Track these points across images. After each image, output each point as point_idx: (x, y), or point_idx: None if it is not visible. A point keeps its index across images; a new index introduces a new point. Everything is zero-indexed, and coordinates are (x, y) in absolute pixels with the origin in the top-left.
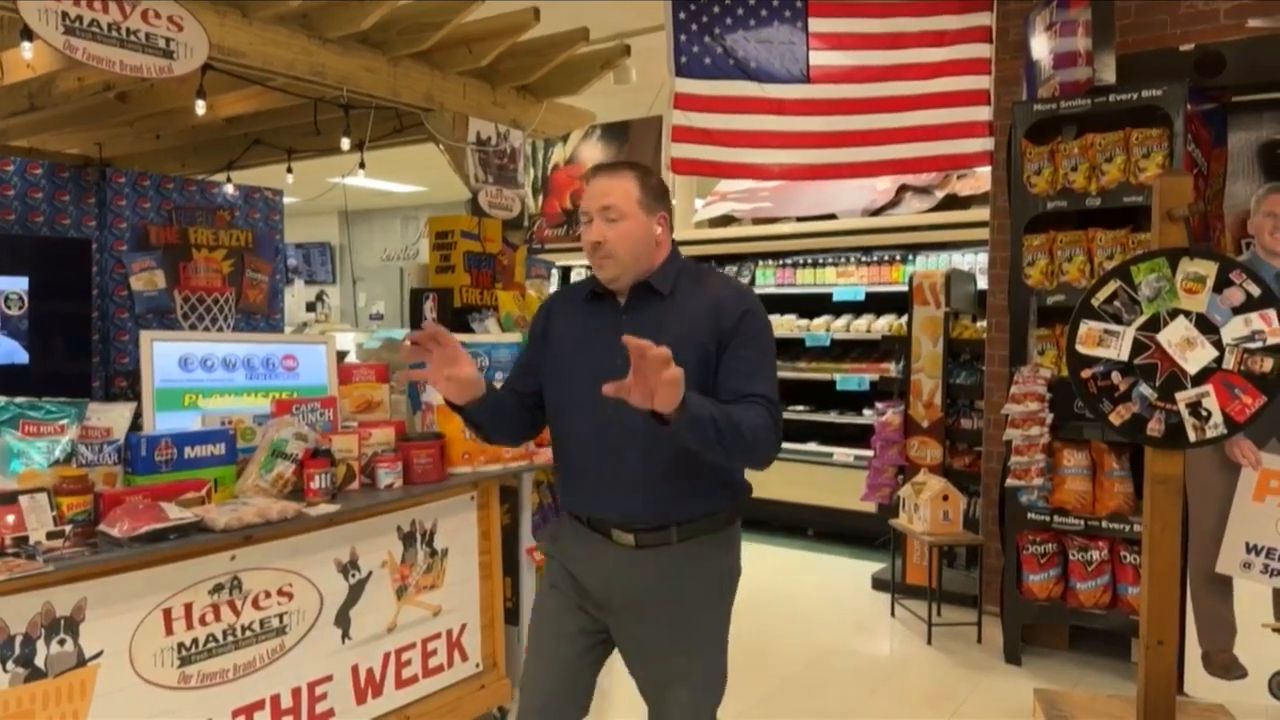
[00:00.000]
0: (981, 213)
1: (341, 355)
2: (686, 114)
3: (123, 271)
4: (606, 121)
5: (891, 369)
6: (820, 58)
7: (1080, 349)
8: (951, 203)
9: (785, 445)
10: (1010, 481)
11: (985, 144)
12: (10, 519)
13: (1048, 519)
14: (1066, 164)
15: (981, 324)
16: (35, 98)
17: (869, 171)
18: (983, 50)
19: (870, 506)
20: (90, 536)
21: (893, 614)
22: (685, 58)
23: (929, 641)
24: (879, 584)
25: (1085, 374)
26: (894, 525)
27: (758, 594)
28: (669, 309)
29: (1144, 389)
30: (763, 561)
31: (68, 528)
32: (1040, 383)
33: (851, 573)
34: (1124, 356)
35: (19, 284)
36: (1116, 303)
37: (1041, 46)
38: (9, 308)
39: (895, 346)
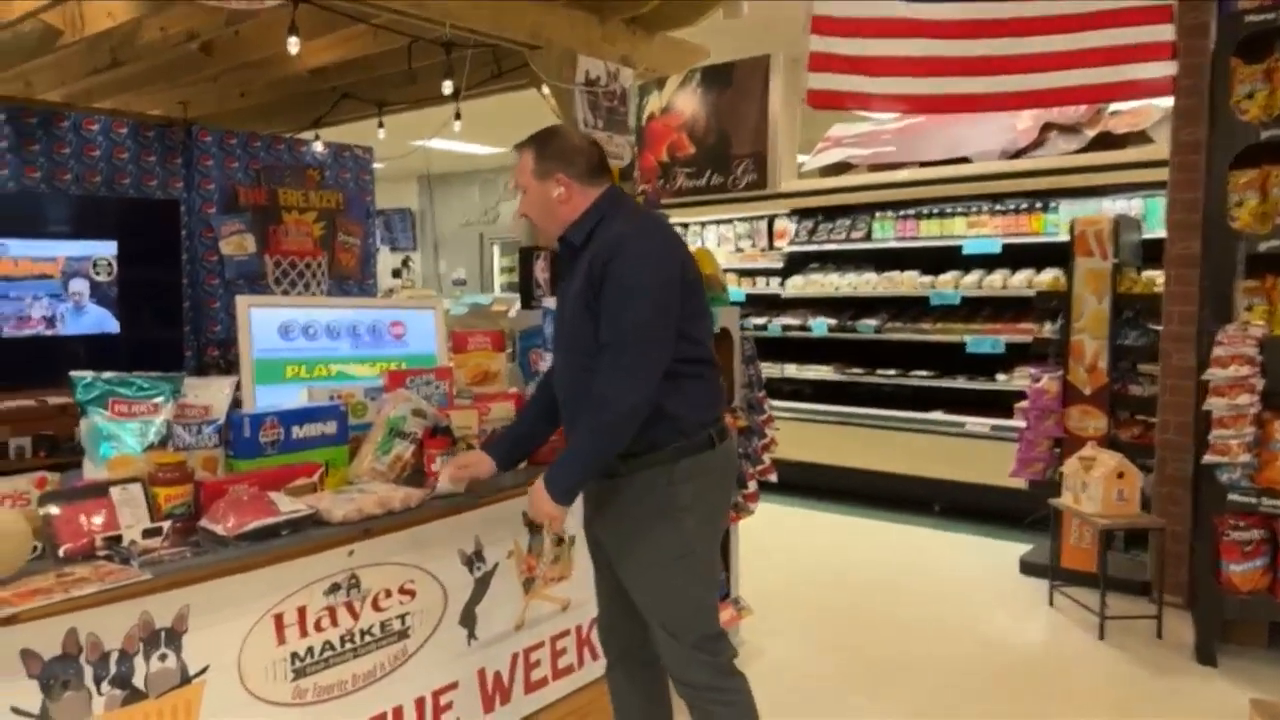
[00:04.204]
0: (1139, 152)
1: None
2: (825, 39)
3: (212, 236)
4: (707, 64)
5: (1036, 329)
6: None
7: None
8: (1104, 141)
9: (903, 414)
10: (1208, 457)
11: (1168, 68)
12: (99, 518)
13: (1254, 501)
14: None
15: (1148, 275)
16: (118, 51)
17: (1029, 102)
18: None
19: (1020, 482)
20: (191, 534)
21: (1051, 603)
22: None
23: (1101, 636)
24: (1028, 568)
25: None
26: (1055, 505)
27: (890, 576)
28: (580, 260)
29: None
30: (883, 541)
31: (166, 524)
32: (1250, 343)
33: (993, 555)
34: None
35: (108, 249)
36: None
37: None
38: (98, 274)
39: (1053, 302)
